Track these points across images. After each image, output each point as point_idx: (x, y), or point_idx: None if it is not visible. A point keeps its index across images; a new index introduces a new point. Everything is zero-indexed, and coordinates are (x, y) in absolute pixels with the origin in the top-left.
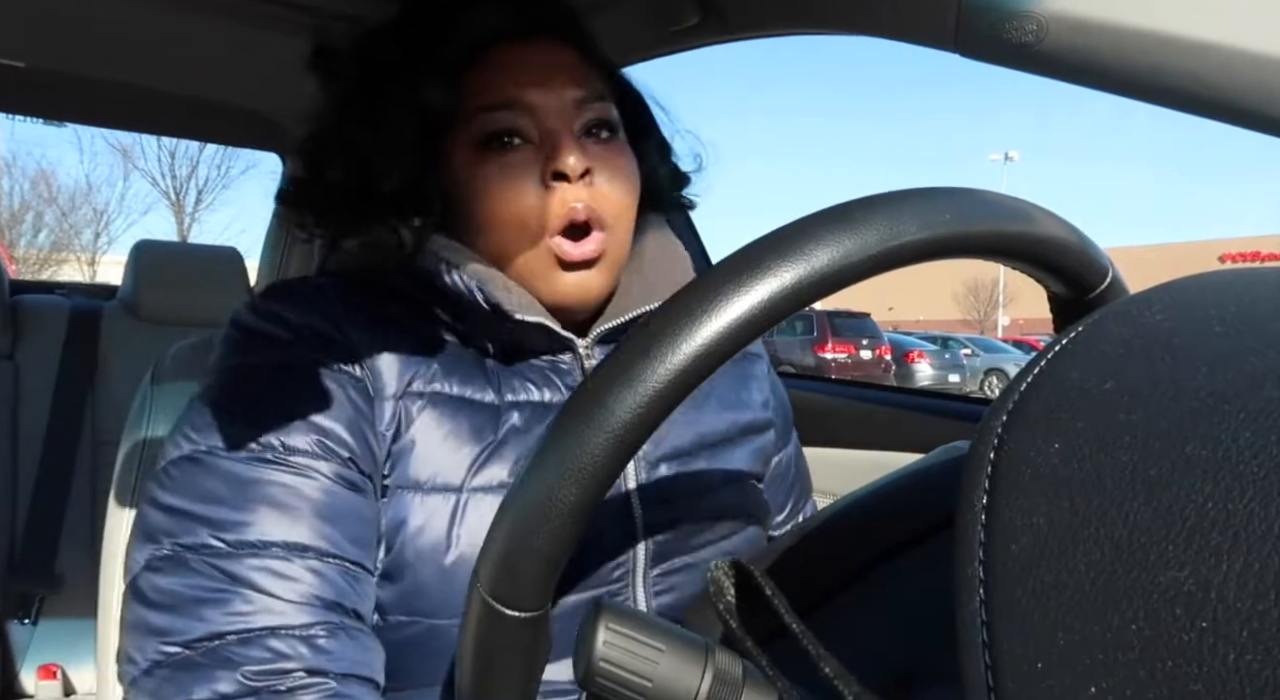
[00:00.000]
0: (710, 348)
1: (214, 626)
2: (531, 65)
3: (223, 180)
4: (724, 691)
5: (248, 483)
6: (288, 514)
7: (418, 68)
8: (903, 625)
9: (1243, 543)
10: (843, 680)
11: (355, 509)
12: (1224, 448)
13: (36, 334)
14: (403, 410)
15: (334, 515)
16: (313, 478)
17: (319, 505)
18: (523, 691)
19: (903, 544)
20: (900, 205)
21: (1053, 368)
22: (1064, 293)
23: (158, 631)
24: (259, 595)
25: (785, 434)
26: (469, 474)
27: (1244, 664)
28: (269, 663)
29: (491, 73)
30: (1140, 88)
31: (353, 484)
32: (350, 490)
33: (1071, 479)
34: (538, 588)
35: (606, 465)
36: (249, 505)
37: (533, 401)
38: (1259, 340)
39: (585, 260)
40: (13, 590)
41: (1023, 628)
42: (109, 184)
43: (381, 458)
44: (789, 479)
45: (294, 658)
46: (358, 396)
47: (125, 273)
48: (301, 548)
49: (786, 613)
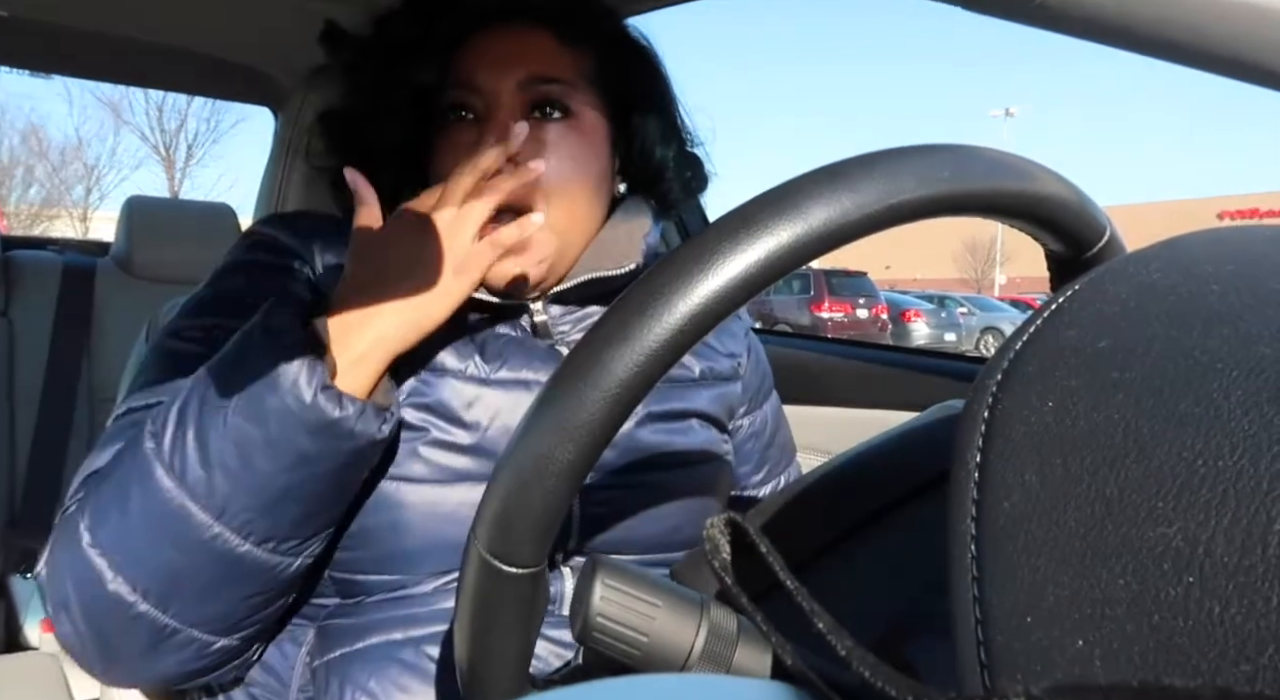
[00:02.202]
0: (707, 306)
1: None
2: (494, 48)
3: (212, 135)
4: (719, 646)
5: (187, 358)
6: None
7: (416, 46)
8: (896, 581)
9: (1231, 499)
10: (836, 635)
11: None
12: (1216, 405)
13: (30, 291)
14: None
15: None
16: None
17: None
18: (521, 647)
19: (897, 501)
20: (898, 163)
21: (1048, 326)
22: (1061, 251)
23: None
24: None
25: (761, 395)
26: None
27: (1229, 617)
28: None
29: (468, 56)
30: (1143, 42)
31: None
32: None
33: (1064, 437)
34: (535, 544)
35: (604, 423)
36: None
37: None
38: (1255, 298)
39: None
40: (14, 545)
41: (1013, 583)
42: (99, 139)
43: None
44: (764, 439)
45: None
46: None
47: (118, 229)
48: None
49: (781, 569)
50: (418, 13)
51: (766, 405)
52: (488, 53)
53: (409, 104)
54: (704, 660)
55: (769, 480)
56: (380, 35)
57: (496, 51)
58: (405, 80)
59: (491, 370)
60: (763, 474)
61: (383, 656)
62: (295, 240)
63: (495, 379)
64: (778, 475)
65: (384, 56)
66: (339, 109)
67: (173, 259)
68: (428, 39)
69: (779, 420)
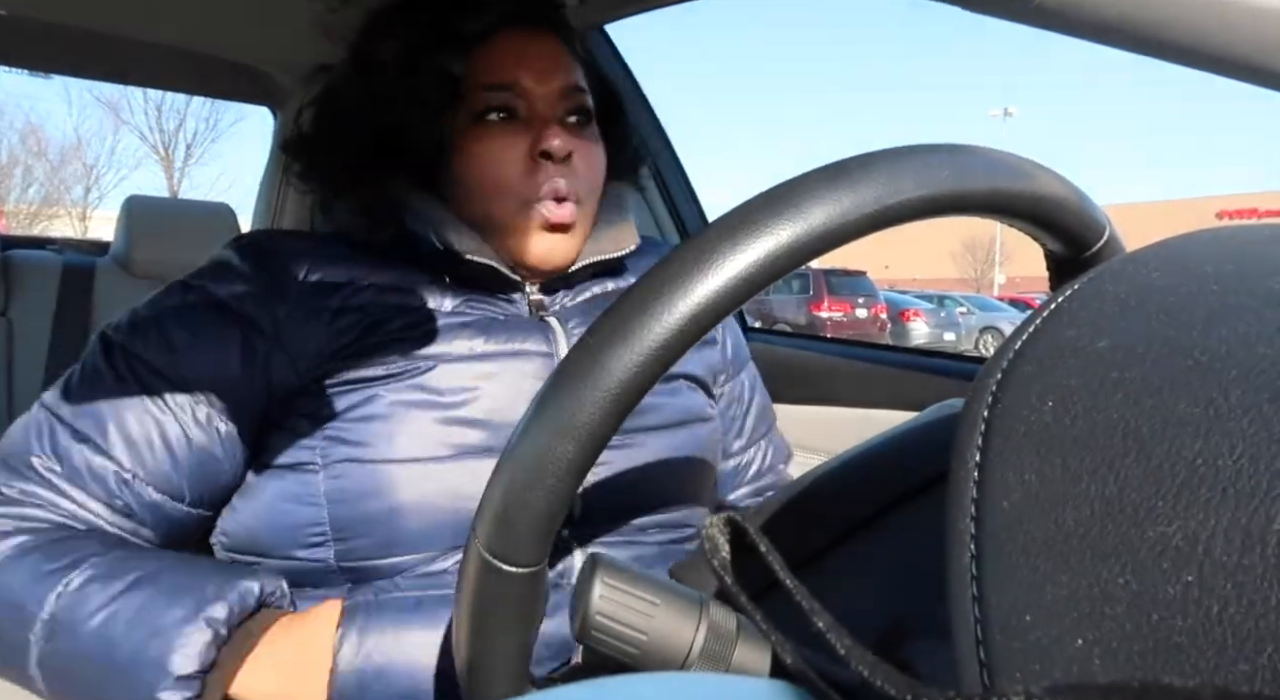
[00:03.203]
0: (706, 306)
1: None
2: (531, 54)
3: (211, 134)
4: (718, 645)
5: (120, 406)
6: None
7: (442, 39)
8: (896, 580)
9: (1231, 498)
10: (835, 633)
11: (188, 455)
12: (1215, 405)
13: (29, 290)
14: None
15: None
16: (167, 416)
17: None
18: (520, 646)
19: (897, 500)
20: (898, 162)
21: (1048, 326)
22: (1061, 250)
23: None
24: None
25: (739, 362)
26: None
27: (1228, 616)
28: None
29: (497, 55)
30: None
31: (196, 435)
32: (189, 439)
33: (1063, 436)
34: (534, 544)
35: (603, 422)
36: (109, 426)
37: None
38: (1254, 297)
39: (564, 224)
40: None
41: (1012, 581)
42: (99, 138)
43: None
44: (744, 404)
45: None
46: (261, 354)
47: (117, 228)
48: (122, 471)
49: (780, 568)
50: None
51: (744, 373)
52: (524, 55)
53: (438, 93)
54: (703, 659)
55: (751, 445)
56: (407, 13)
57: (533, 56)
58: (437, 68)
59: (483, 344)
60: (744, 439)
61: (402, 631)
62: (267, 272)
63: (485, 352)
64: (758, 440)
65: (413, 37)
66: (343, 91)
67: (172, 258)
68: (461, 27)
69: (755, 385)
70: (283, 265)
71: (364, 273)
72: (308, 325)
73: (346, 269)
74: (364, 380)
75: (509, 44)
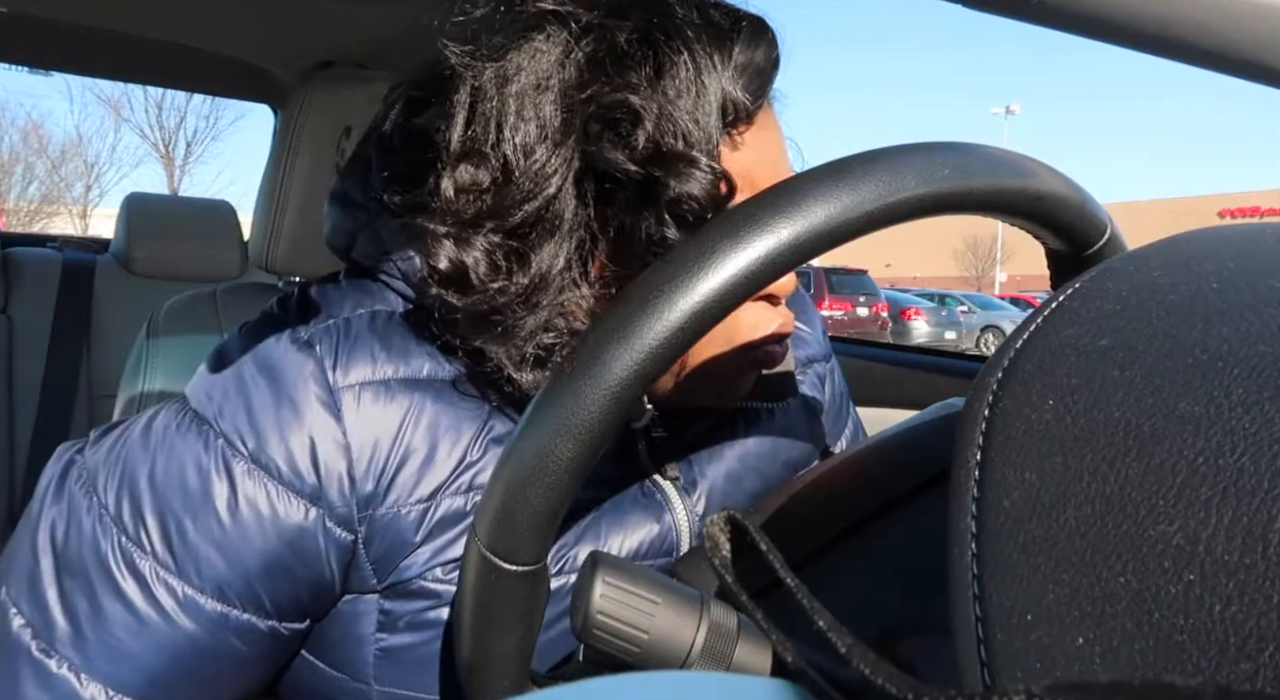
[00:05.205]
0: (706, 304)
1: None
2: None
3: (211, 132)
4: (719, 643)
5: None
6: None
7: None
8: (896, 579)
9: (1232, 497)
10: (836, 633)
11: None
12: (1216, 403)
13: (29, 287)
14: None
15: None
16: (170, 620)
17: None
18: (522, 644)
19: (898, 499)
20: (899, 161)
21: (1049, 324)
22: (1062, 249)
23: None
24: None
25: (838, 410)
26: None
27: (1229, 615)
28: None
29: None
30: (1142, 39)
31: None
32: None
33: (1064, 435)
34: (534, 542)
35: (603, 420)
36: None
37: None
38: (1255, 296)
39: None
40: None
41: (1013, 580)
42: (100, 136)
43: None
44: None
45: None
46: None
47: (117, 226)
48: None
49: (781, 567)
50: None
51: (846, 418)
52: None
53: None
54: (704, 657)
55: None
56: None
57: None
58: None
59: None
60: None
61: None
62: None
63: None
64: None
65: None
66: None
67: (172, 256)
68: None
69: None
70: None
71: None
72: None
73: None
74: None
75: None
